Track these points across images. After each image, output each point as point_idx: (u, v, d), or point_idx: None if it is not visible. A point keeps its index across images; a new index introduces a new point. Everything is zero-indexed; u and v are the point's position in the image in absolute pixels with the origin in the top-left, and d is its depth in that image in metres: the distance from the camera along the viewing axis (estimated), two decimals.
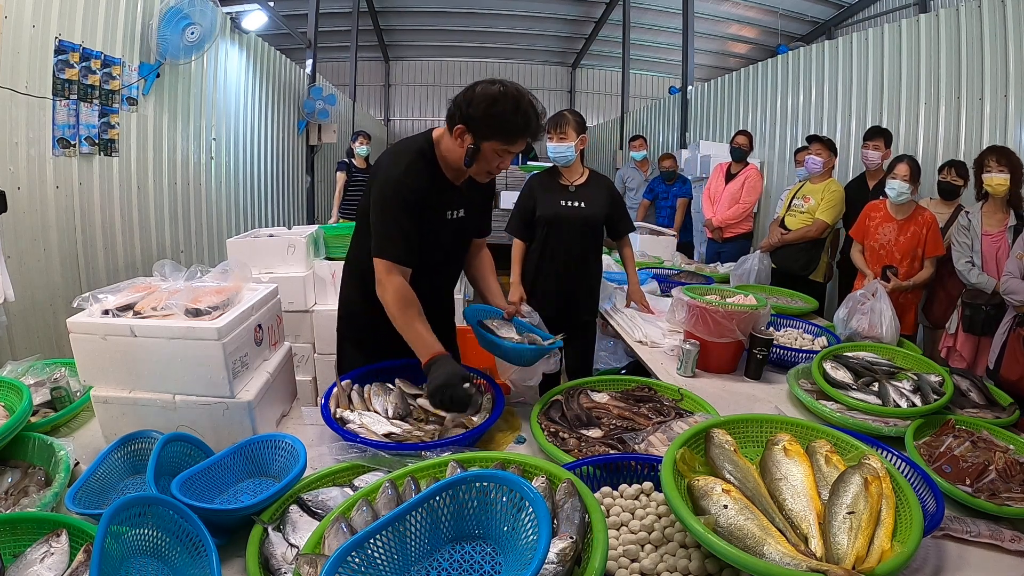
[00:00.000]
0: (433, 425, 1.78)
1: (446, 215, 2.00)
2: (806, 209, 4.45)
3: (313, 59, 8.43)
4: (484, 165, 1.87)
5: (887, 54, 5.22)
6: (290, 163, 7.84)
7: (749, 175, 5.35)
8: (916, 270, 3.51)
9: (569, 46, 15.38)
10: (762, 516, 1.16)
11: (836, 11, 11.55)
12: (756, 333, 2.51)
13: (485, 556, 1.10)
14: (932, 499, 1.46)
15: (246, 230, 4.42)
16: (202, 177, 5.32)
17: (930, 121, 4.76)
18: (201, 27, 4.26)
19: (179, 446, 1.52)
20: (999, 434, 1.93)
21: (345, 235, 3.41)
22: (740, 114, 7.63)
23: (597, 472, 1.49)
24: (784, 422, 1.55)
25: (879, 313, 2.85)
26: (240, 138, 6.19)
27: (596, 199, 3.13)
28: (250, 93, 6.37)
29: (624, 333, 3.10)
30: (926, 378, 2.22)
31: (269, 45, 6.82)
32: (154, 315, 1.66)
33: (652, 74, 15.93)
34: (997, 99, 4.22)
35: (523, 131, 1.81)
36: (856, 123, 5.54)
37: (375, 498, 1.26)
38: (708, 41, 13.14)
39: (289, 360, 2.07)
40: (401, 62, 16.62)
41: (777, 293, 3.72)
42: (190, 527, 1.18)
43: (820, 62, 6.13)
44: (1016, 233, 3.14)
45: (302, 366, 3.33)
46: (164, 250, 4.66)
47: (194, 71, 5.01)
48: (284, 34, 8.07)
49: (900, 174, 3.45)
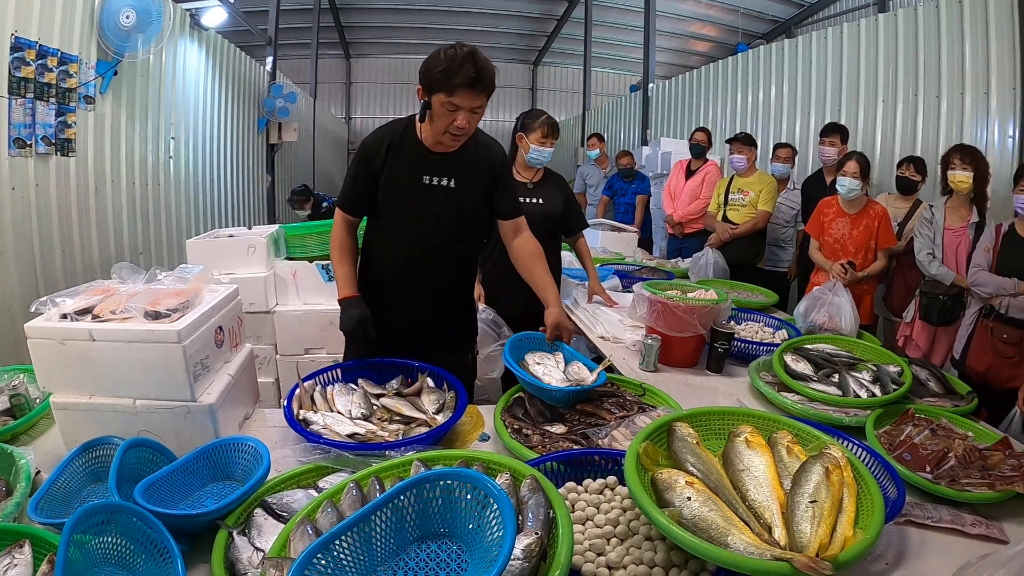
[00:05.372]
0: (397, 425, 1.78)
1: (422, 179, 2.07)
2: (747, 202, 4.60)
3: (273, 56, 8.30)
4: (438, 124, 1.94)
5: (846, 53, 5.34)
6: (250, 162, 7.71)
7: (709, 171, 5.41)
8: (870, 262, 3.60)
9: (531, 43, 15.39)
10: (725, 507, 1.18)
11: (797, 10, 11.75)
12: (717, 327, 2.53)
13: (451, 554, 1.10)
14: (893, 486, 1.49)
15: (206, 230, 4.34)
16: (161, 177, 5.21)
17: (888, 118, 4.88)
18: (135, 11, 4.13)
19: (141, 452, 1.49)
20: (958, 422, 1.98)
21: (305, 235, 3.39)
22: (700, 111, 7.73)
23: (561, 468, 1.49)
24: (746, 414, 1.57)
25: (838, 307, 2.91)
26: (199, 137, 6.07)
27: (553, 196, 3.15)
28: (209, 91, 6.26)
29: (586, 329, 3.10)
30: (885, 369, 2.27)
31: (229, 42, 6.70)
32: (113, 318, 1.63)
33: (614, 72, 16.02)
34: (954, 97, 4.33)
35: (457, 82, 1.84)
36: (815, 120, 5.66)
37: (340, 499, 1.25)
38: (669, 39, 13.25)
39: (251, 362, 2.04)
40: (363, 59, 16.47)
41: (738, 287, 3.77)
42: (154, 534, 1.16)
43: (780, 60, 6.24)
44: (978, 229, 3.24)
45: (264, 368, 3.29)
46: (123, 252, 4.55)
47: (152, 68, 4.90)
48: (244, 31, 7.93)
49: (850, 171, 3.54)
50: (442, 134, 1.96)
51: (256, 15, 8.38)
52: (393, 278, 2.18)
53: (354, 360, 2.12)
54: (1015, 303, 2.89)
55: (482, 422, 1.93)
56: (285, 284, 3.32)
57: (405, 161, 2.05)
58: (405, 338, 2.19)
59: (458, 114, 1.90)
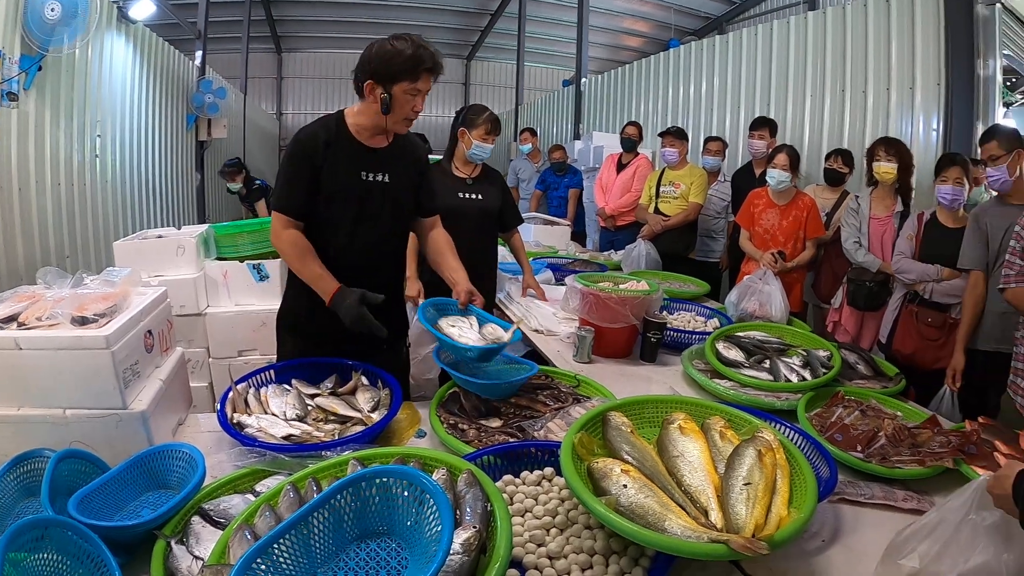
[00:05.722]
0: (332, 424, 1.77)
1: (361, 175, 2.07)
2: (679, 194, 4.71)
3: (203, 50, 8.03)
4: (400, 110, 1.98)
5: (776, 49, 5.49)
6: (179, 160, 7.45)
7: (640, 164, 5.49)
8: (799, 251, 3.71)
9: (464, 38, 15.27)
10: (662, 493, 1.20)
11: (728, 7, 11.98)
12: (649, 317, 2.57)
13: (391, 552, 1.10)
14: (826, 466, 1.54)
15: (135, 231, 4.20)
16: (87, 177, 4.99)
17: (816, 112, 5.04)
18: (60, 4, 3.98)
19: (73, 463, 1.44)
20: (887, 402, 2.07)
21: (236, 234, 3.31)
22: (633, 106, 7.83)
23: (498, 461, 1.50)
24: (679, 401, 1.61)
25: (768, 294, 2.99)
26: (126, 134, 5.83)
27: (491, 193, 3.16)
28: (137, 86, 6.02)
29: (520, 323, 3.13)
30: (815, 353, 2.35)
31: (157, 36, 6.47)
32: (39, 325, 1.57)
33: (547, 66, 16.00)
34: (880, 92, 4.51)
35: (424, 66, 1.95)
36: (744, 114, 5.80)
37: (277, 502, 1.23)
38: (602, 35, 13.32)
39: (182, 366, 2.00)
40: (294, 54, 16.04)
41: (670, 278, 3.84)
42: (91, 548, 1.13)
43: (711, 56, 6.38)
44: (902, 219, 3.37)
45: (197, 372, 3.21)
46: (49, 256, 4.37)
47: (78, 64, 4.70)
48: (173, 24, 7.62)
49: (779, 163, 3.65)
50: (401, 122, 2.03)
51: (185, 8, 8.09)
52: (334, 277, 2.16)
53: (287, 360, 2.10)
54: (938, 288, 3.02)
55: (418, 419, 1.93)
56: (216, 285, 3.25)
57: (343, 158, 2.03)
58: (343, 336, 2.17)
59: (418, 98, 2.00)
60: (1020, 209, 2.41)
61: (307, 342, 2.17)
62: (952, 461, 1.64)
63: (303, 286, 2.11)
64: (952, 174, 3.00)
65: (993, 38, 3.94)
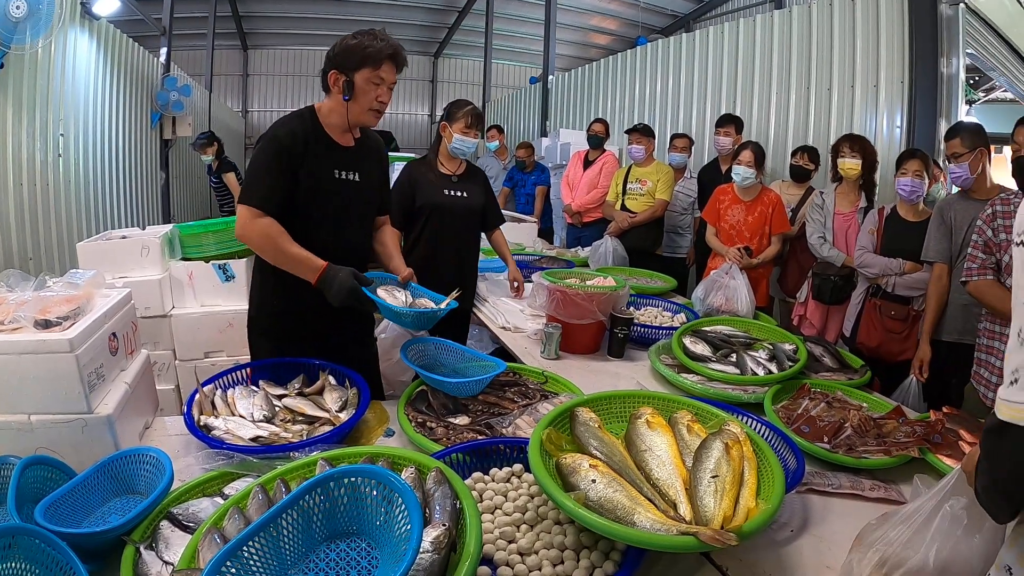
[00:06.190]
0: (300, 425, 1.76)
1: (334, 173, 2.07)
2: (645, 191, 4.74)
3: (168, 47, 7.92)
4: (364, 98, 2.02)
5: (742, 47, 5.56)
6: (143, 159, 7.34)
7: (606, 161, 5.52)
8: (765, 246, 3.75)
9: (432, 35, 15.18)
10: (630, 487, 1.22)
11: (696, 5, 12.09)
12: (616, 313, 2.60)
13: (361, 552, 1.11)
14: (793, 458, 1.57)
15: (98, 232, 4.13)
16: (49, 176, 4.90)
17: (781, 109, 5.13)
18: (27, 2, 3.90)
19: (40, 470, 1.41)
20: (853, 394, 2.12)
21: (201, 233, 3.26)
22: (599, 103, 7.90)
23: (467, 459, 1.51)
24: (645, 396, 1.62)
25: (735, 289, 3.04)
26: (90, 133, 5.73)
27: (475, 190, 3.16)
28: (100, 84, 5.92)
29: (487, 320, 3.13)
30: (781, 347, 2.39)
31: (121, 32, 6.36)
32: (2, 329, 1.55)
33: (514, 64, 16.02)
34: (844, 89, 4.60)
35: (385, 54, 1.99)
36: (711, 111, 5.88)
37: (246, 505, 1.23)
38: (570, 32, 13.35)
39: (148, 369, 1.97)
40: (260, 50, 15.74)
41: (637, 274, 3.88)
42: (59, 555, 1.11)
43: (678, 53, 6.45)
44: (866, 214, 3.42)
45: (163, 374, 3.15)
46: (11, 258, 4.29)
47: (40, 61, 4.61)
48: (137, 20, 7.49)
49: (745, 160, 3.69)
50: (366, 112, 2.04)
51: (150, 4, 7.97)
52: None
53: (250, 363, 2.08)
54: (900, 281, 3.09)
55: (386, 417, 1.94)
56: (181, 286, 3.20)
57: (319, 156, 2.03)
58: (317, 336, 2.17)
59: (382, 88, 2.02)
60: (983, 204, 2.47)
61: (282, 343, 2.14)
62: (917, 450, 1.68)
63: (273, 287, 2.10)
64: (912, 167, 3.07)
65: (957, 37, 4.03)
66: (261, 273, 2.18)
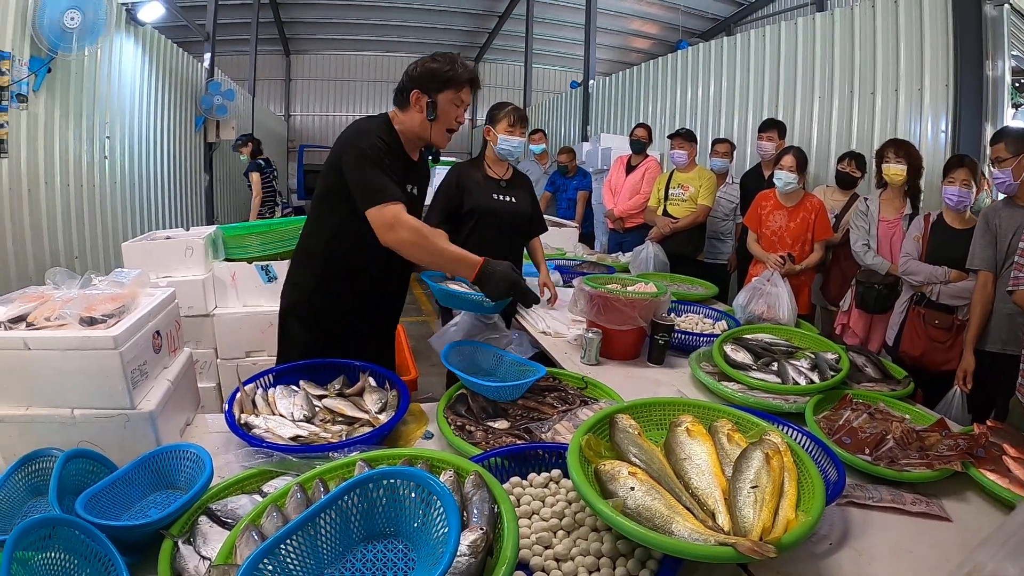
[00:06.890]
0: (340, 426, 1.77)
1: (406, 187, 2.12)
2: (687, 197, 4.70)
3: (211, 52, 8.12)
4: (445, 119, 2.08)
5: (784, 50, 5.48)
6: (188, 161, 7.54)
7: (649, 166, 5.49)
8: (807, 253, 3.69)
9: (472, 40, 15.30)
10: (669, 496, 1.19)
11: (736, 8, 12.00)
12: (657, 319, 2.56)
13: (398, 553, 1.10)
14: (834, 469, 1.53)
15: (143, 232, 4.23)
16: (96, 178, 5.05)
17: (824, 114, 5.03)
18: (82, 13, 4.02)
19: (81, 463, 1.45)
20: (895, 405, 2.06)
21: (244, 235, 3.31)
22: (641, 107, 7.84)
23: (505, 463, 1.50)
24: (686, 404, 1.60)
25: (776, 297, 2.99)
26: (135, 136, 5.91)
27: (523, 196, 3.16)
28: (146, 88, 6.09)
29: (528, 325, 3.10)
30: (823, 356, 2.34)
31: (166, 38, 6.53)
32: (48, 326, 1.58)
33: (555, 68, 16.08)
34: (888, 93, 4.49)
35: (465, 78, 2.06)
36: (753, 116, 5.81)
37: (285, 503, 1.24)
38: (610, 36, 13.36)
39: (190, 367, 2.00)
40: (302, 56, 16.11)
41: (678, 280, 3.84)
42: (99, 547, 1.13)
43: (719, 57, 6.37)
44: (911, 221, 3.34)
45: (205, 372, 3.21)
46: (58, 256, 4.41)
47: (87, 65, 4.75)
48: (181, 26, 7.69)
49: (787, 165, 3.63)
50: (443, 132, 2.11)
51: (194, 10, 8.15)
52: (370, 283, 2.21)
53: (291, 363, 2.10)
54: (945, 290, 3.01)
55: (425, 420, 1.93)
56: (224, 286, 3.25)
57: (397, 167, 2.06)
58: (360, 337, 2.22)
59: (460, 109, 2.10)
60: None
61: (318, 333, 2.19)
62: (960, 464, 1.63)
63: (318, 279, 2.17)
64: (959, 175, 2.99)
65: (1002, 39, 3.92)
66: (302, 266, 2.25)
